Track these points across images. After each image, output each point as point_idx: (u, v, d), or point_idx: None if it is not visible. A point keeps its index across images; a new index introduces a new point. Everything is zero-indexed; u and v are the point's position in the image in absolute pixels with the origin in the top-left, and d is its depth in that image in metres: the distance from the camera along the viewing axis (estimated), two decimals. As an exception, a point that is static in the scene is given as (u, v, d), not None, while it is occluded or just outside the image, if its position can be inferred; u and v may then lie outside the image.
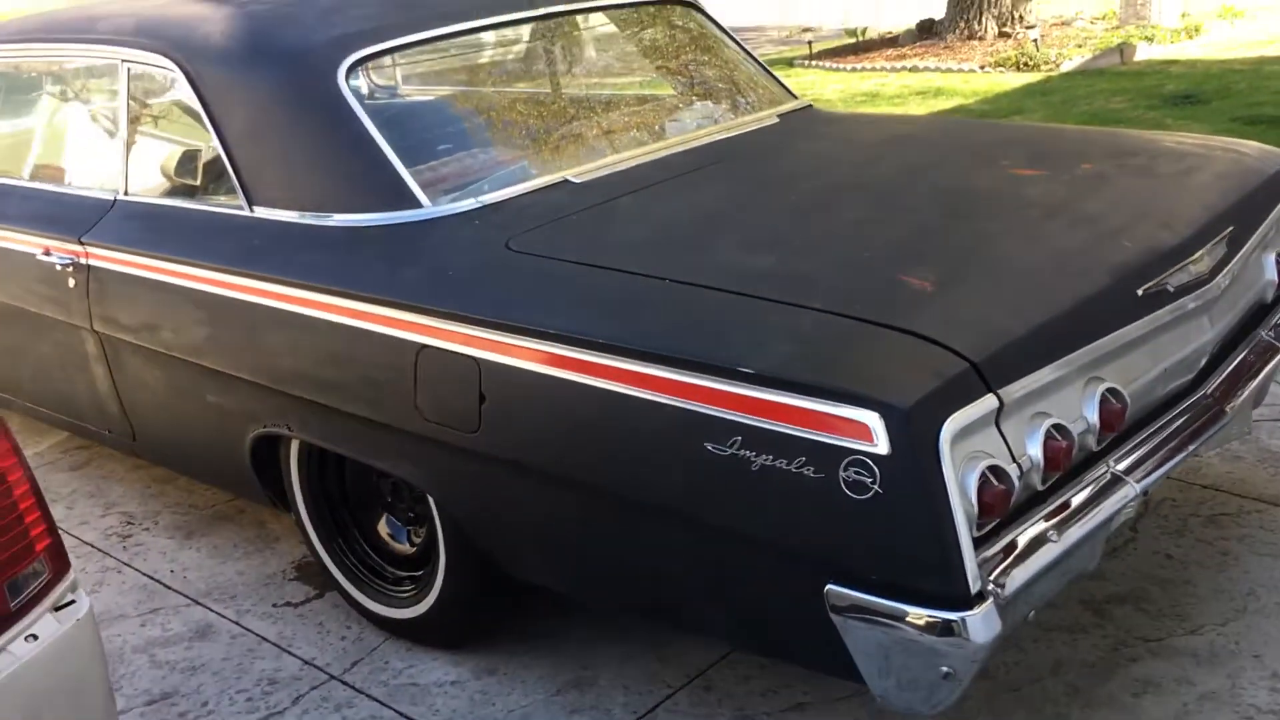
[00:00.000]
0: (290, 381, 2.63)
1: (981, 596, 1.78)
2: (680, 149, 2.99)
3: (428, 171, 2.72)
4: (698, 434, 1.94)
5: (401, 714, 2.58)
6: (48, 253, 3.13)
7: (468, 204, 2.62)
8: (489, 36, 3.35)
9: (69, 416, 3.50)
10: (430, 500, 2.55)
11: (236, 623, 2.96)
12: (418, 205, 2.59)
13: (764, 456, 1.87)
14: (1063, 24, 11.31)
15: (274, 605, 3.02)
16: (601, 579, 2.41)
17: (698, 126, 3.21)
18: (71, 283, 3.07)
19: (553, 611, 2.82)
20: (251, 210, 2.75)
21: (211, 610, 3.02)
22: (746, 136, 3.15)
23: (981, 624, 1.77)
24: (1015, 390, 1.91)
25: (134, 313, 2.96)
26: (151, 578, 3.19)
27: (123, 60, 3.09)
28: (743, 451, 1.89)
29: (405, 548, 2.85)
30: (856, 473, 1.78)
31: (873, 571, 1.84)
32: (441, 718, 2.55)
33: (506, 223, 2.54)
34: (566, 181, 2.75)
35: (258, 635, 2.90)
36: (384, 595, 2.84)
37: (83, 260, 3.04)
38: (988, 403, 1.86)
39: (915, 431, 1.76)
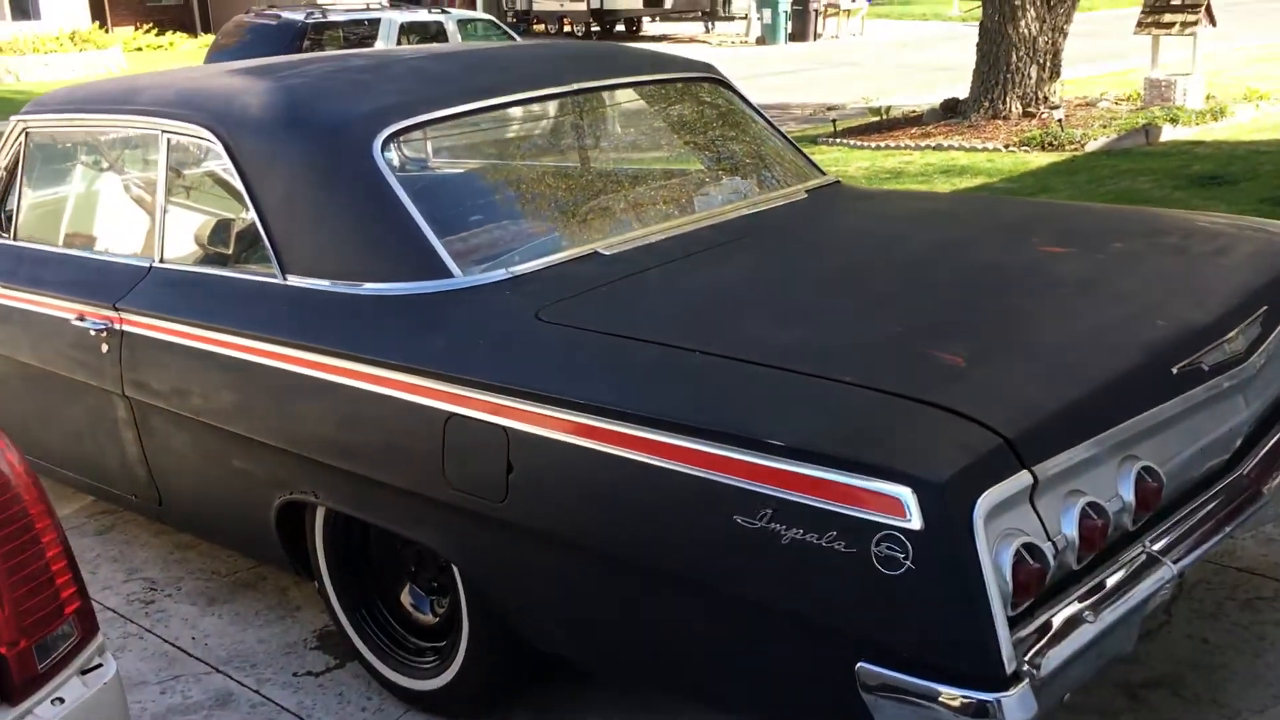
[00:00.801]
0: (318, 449, 2.64)
1: (1017, 677, 1.75)
2: (709, 223, 3.01)
3: (459, 242, 2.75)
4: (727, 507, 1.92)
5: (421, 789, 2.55)
6: (81, 318, 3.16)
7: (498, 274, 2.64)
8: (520, 110, 3.39)
9: (96, 481, 3.51)
10: (454, 569, 2.53)
11: (257, 691, 2.93)
12: (449, 275, 2.61)
13: (794, 530, 1.85)
14: (1087, 104, 11.38)
15: (294, 674, 2.99)
16: (627, 651, 2.38)
17: (727, 201, 3.24)
18: (104, 348, 3.10)
19: (575, 683, 2.78)
20: (285, 279, 2.77)
21: (232, 678, 3.00)
22: (776, 211, 3.17)
23: (1017, 706, 1.74)
24: (1050, 467, 1.89)
25: (166, 378, 2.98)
26: (173, 644, 3.17)
27: (163, 131, 3.14)
28: (773, 525, 1.87)
29: (428, 618, 2.83)
30: (889, 548, 1.76)
31: (905, 649, 1.81)
32: (462, 793, 2.52)
33: (536, 293, 2.56)
34: (596, 254, 2.77)
35: (278, 705, 2.87)
36: (406, 666, 2.81)
37: (116, 326, 3.07)
38: (1022, 479, 1.84)
39: (949, 507, 1.74)
